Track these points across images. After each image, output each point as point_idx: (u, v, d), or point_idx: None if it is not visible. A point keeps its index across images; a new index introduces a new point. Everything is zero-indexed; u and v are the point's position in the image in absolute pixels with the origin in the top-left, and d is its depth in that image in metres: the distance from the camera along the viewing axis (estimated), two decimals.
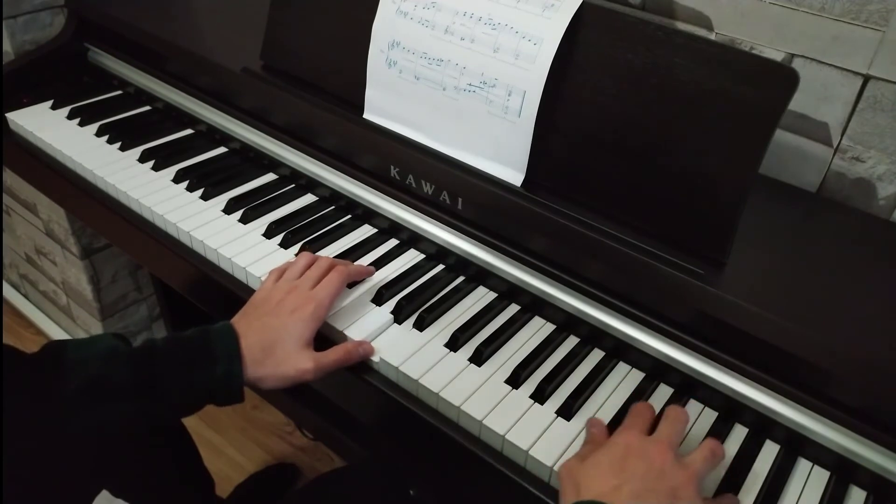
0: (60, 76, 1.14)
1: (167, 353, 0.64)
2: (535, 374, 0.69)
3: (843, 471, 0.62)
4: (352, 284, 0.77)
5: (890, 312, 0.64)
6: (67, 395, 0.60)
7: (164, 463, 0.97)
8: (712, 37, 0.83)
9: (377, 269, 0.80)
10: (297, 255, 0.82)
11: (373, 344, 0.70)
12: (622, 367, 0.71)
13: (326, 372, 0.67)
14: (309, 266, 0.74)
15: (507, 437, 0.62)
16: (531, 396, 0.66)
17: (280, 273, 0.74)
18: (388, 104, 0.83)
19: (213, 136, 1.02)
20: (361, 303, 0.75)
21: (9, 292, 1.76)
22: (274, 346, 0.66)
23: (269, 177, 0.95)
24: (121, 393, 0.62)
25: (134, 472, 0.93)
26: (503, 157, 0.76)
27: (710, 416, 0.67)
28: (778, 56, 0.79)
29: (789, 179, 0.83)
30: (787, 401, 0.62)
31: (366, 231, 0.86)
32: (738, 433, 0.65)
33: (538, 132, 0.73)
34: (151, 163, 0.95)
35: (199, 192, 0.90)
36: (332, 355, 0.68)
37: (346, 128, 0.85)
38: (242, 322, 0.68)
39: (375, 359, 0.69)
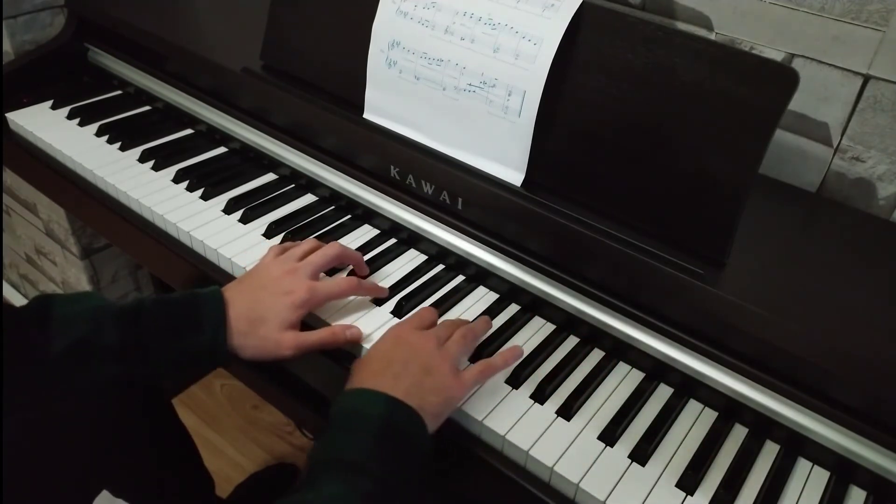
0: (60, 76, 1.14)
1: (155, 316, 0.65)
2: (535, 374, 0.69)
3: (843, 471, 0.61)
4: None
5: (890, 312, 0.64)
6: (54, 357, 0.61)
7: (164, 463, 0.97)
8: (712, 37, 0.83)
9: (377, 269, 0.80)
10: None
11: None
12: (622, 367, 0.71)
13: (307, 351, 0.67)
14: (312, 250, 0.74)
15: (507, 437, 0.62)
16: (531, 396, 0.66)
17: (281, 250, 0.74)
18: (388, 104, 0.83)
19: (213, 136, 1.02)
20: (361, 302, 0.75)
21: (9, 292, 1.76)
22: (259, 322, 0.66)
23: (269, 177, 0.95)
24: (107, 355, 0.62)
25: (133, 472, 0.93)
26: (503, 157, 0.76)
27: (710, 415, 0.67)
28: (778, 56, 0.80)
29: (789, 179, 0.83)
30: (787, 401, 0.62)
31: (366, 231, 0.86)
32: (738, 433, 0.65)
33: (538, 132, 0.73)
34: (151, 163, 0.95)
35: (199, 192, 0.90)
36: (316, 336, 0.67)
37: (346, 128, 0.85)
38: (234, 290, 0.68)
39: None
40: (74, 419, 0.80)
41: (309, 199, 0.92)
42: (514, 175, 0.76)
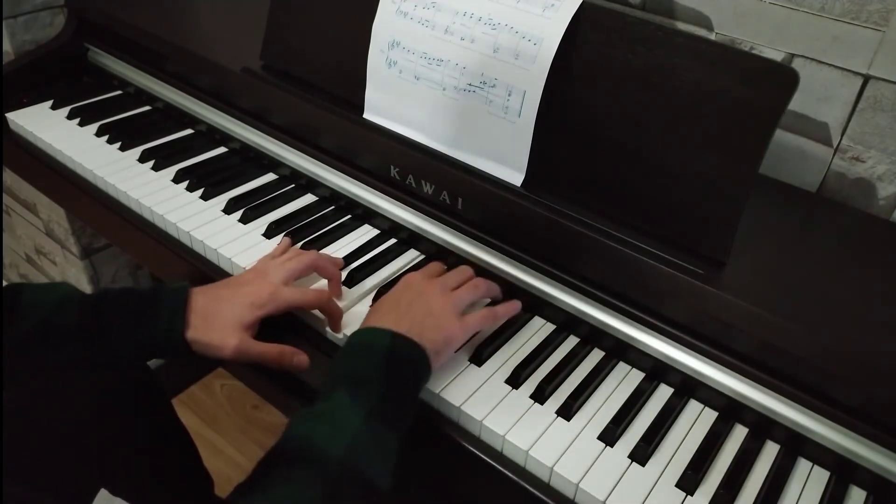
0: (60, 76, 1.14)
1: (116, 302, 0.66)
2: (535, 374, 0.69)
3: (843, 471, 0.61)
4: (351, 283, 0.77)
5: (890, 312, 0.64)
6: (17, 339, 0.63)
7: (163, 462, 0.97)
8: (712, 37, 0.83)
9: (377, 269, 0.80)
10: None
11: None
12: (622, 367, 0.71)
13: (248, 359, 0.67)
14: (290, 255, 0.75)
15: (507, 437, 0.62)
16: (531, 396, 0.66)
17: (270, 257, 0.76)
18: (388, 104, 0.83)
19: (213, 136, 1.02)
20: (361, 303, 0.75)
21: None
22: (213, 316, 0.67)
23: (269, 177, 0.95)
24: (66, 338, 0.64)
25: (133, 472, 0.93)
26: (503, 157, 0.76)
27: (710, 415, 0.67)
28: (778, 56, 0.80)
29: (789, 179, 0.83)
30: (787, 401, 0.62)
31: (366, 231, 0.86)
32: (738, 433, 0.65)
33: (538, 132, 0.73)
34: (151, 163, 0.95)
35: (199, 192, 0.90)
36: (262, 347, 0.68)
37: (346, 128, 0.85)
38: (202, 287, 0.69)
39: None
40: (68, 415, 0.80)
41: (309, 199, 0.92)
42: (514, 175, 0.76)
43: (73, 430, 0.81)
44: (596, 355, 0.72)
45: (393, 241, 0.85)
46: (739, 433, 0.65)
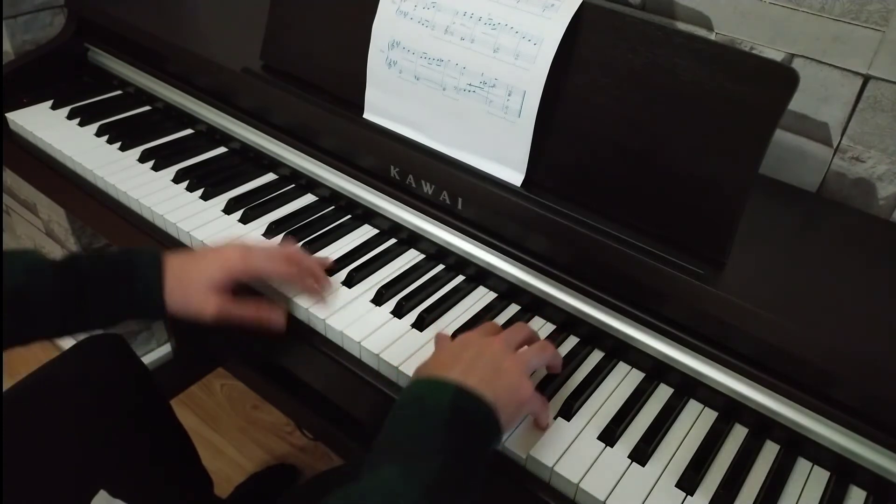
0: (60, 76, 1.14)
1: (92, 266, 0.67)
2: (534, 374, 0.69)
3: (843, 471, 0.61)
4: (351, 283, 0.77)
5: (890, 312, 0.64)
6: None
7: (162, 463, 0.97)
8: (712, 37, 0.83)
9: (377, 269, 0.80)
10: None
11: (372, 343, 0.70)
12: (622, 367, 0.71)
13: (229, 320, 0.68)
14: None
15: (507, 438, 0.62)
16: None
17: None
18: (388, 104, 0.83)
19: (213, 136, 1.02)
20: (361, 302, 0.75)
21: None
22: (186, 279, 0.68)
23: (269, 177, 0.95)
24: (42, 305, 0.64)
25: (131, 473, 0.93)
26: (503, 157, 0.76)
27: (710, 415, 0.67)
28: (778, 56, 0.80)
29: (789, 179, 0.83)
30: (787, 401, 0.62)
31: (366, 231, 0.86)
32: (738, 433, 0.65)
33: (538, 132, 0.73)
34: (151, 163, 0.95)
35: (199, 192, 0.90)
36: (239, 309, 0.69)
37: (346, 128, 0.85)
38: (175, 253, 0.71)
39: (374, 358, 0.69)
40: (67, 416, 0.80)
41: (309, 199, 0.92)
42: (514, 175, 0.76)
43: (71, 431, 0.81)
44: (596, 355, 0.72)
45: (393, 241, 0.85)
46: (739, 433, 0.65)
